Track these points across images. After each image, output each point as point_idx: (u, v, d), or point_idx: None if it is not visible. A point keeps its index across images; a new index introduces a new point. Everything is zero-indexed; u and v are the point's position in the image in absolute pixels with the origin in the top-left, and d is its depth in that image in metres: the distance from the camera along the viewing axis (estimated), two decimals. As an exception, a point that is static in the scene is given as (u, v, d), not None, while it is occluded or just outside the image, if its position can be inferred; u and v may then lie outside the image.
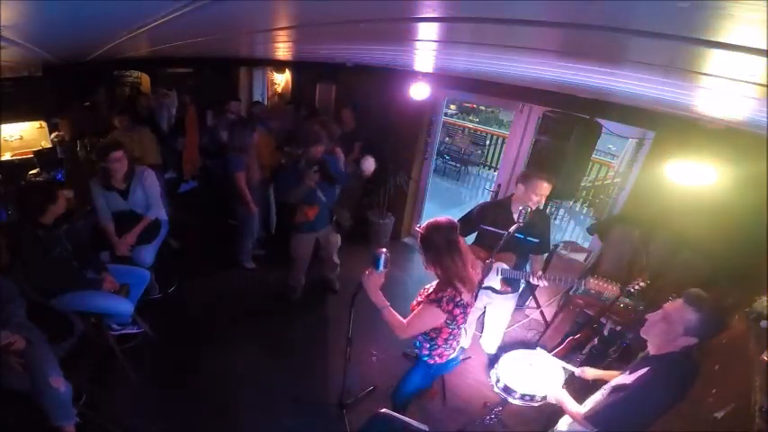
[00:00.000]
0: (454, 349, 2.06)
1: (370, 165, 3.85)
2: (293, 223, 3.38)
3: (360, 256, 4.50)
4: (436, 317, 1.82)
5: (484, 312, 3.02)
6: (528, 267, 2.76)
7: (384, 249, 1.86)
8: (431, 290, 1.91)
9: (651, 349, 1.65)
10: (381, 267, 1.84)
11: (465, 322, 1.95)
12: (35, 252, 2.39)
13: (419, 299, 1.96)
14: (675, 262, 2.69)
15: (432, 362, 2.05)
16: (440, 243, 1.78)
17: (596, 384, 1.93)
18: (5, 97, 4.29)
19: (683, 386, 1.54)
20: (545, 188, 2.46)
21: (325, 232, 3.54)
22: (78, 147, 4.67)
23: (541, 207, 2.65)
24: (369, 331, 3.04)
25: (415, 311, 1.89)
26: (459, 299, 1.80)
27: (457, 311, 1.81)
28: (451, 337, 1.97)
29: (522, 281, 2.73)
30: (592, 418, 1.67)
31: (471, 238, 2.81)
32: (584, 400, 1.82)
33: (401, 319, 1.86)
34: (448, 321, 1.84)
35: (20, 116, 4.52)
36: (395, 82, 4.09)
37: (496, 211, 2.65)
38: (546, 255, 2.93)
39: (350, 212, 4.90)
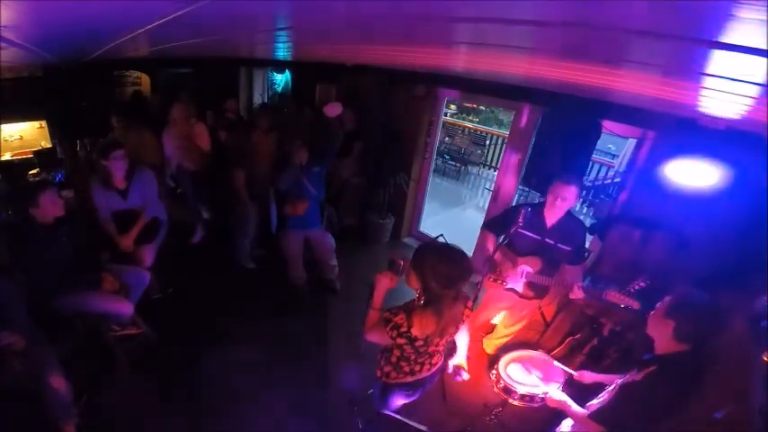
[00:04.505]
0: (407, 374, 1.87)
1: (334, 109, 3.49)
2: (284, 218, 3.41)
3: (360, 256, 4.50)
4: (382, 336, 1.72)
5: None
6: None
7: (401, 252, 1.82)
8: (395, 307, 1.78)
9: (657, 348, 1.64)
10: (398, 273, 1.80)
11: (420, 354, 1.79)
12: (35, 252, 2.39)
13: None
14: (675, 262, 2.69)
15: (381, 377, 1.93)
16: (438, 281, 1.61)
17: (593, 388, 1.93)
18: (5, 97, 4.29)
19: (688, 385, 1.54)
20: (562, 189, 2.36)
21: (317, 233, 3.55)
22: (78, 147, 4.66)
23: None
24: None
25: (376, 318, 1.80)
26: (404, 330, 1.65)
27: (401, 341, 1.68)
28: (403, 361, 1.82)
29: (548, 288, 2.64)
30: (598, 416, 1.66)
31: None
32: (582, 403, 1.81)
33: (372, 323, 1.81)
34: (394, 344, 1.75)
35: (20, 116, 4.51)
36: (395, 82, 4.08)
37: (530, 213, 2.47)
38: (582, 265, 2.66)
39: (350, 213, 4.90)
